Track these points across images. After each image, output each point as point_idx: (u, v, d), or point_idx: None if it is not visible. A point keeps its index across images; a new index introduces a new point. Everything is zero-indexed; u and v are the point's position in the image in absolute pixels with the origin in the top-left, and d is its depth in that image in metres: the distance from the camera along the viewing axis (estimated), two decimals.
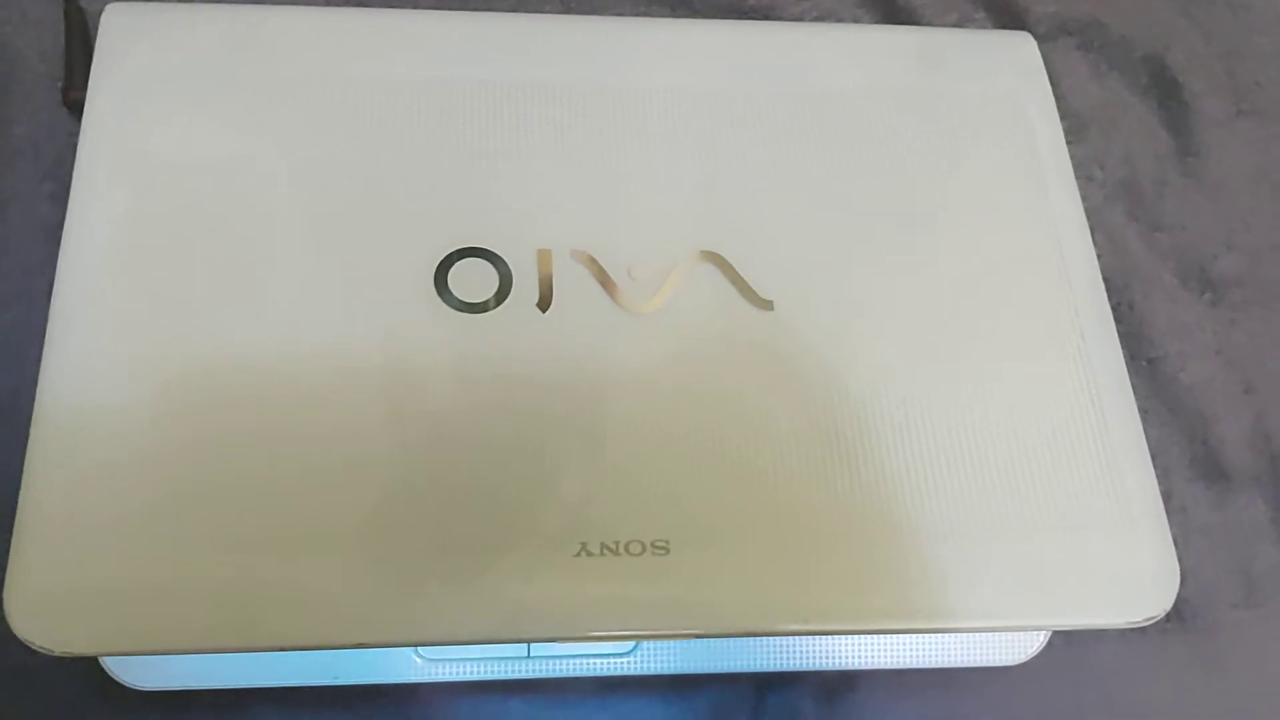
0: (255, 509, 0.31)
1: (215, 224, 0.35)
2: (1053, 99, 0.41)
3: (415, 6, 0.47)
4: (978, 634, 0.40)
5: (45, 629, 0.29)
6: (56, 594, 0.30)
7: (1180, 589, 0.43)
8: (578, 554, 0.32)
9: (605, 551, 0.32)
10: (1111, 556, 0.34)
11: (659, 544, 0.32)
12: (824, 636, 0.40)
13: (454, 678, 0.39)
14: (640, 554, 0.32)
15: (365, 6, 0.47)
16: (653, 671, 0.40)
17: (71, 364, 0.32)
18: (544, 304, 0.35)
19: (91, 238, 0.34)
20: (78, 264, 0.34)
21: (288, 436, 0.32)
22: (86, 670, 0.37)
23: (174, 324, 0.33)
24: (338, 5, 0.47)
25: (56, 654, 0.29)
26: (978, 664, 0.40)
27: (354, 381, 0.33)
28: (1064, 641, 0.42)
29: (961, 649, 0.40)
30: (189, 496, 0.31)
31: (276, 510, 0.31)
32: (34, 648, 0.29)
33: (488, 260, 0.35)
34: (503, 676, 0.39)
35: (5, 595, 0.30)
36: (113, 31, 0.38)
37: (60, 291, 0.33)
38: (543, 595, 0.31)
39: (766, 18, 0.49)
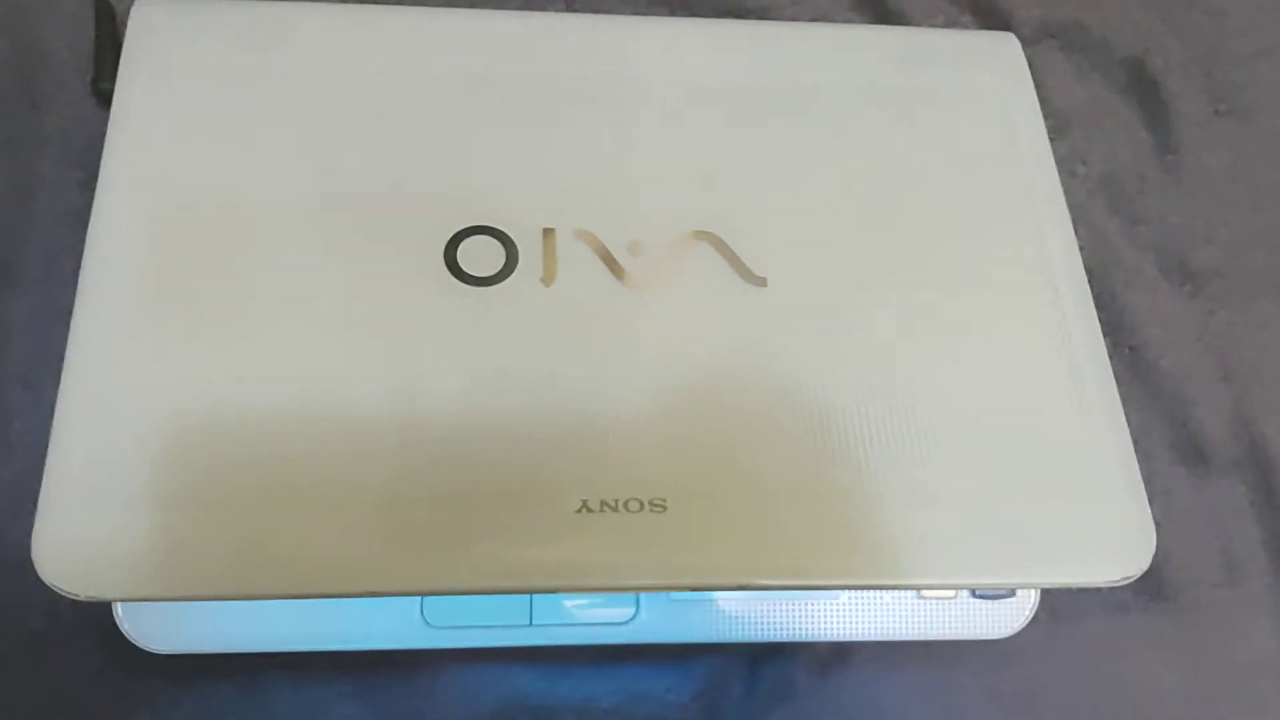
0: (271, 464, 0.33)
1: (236, 208, 0.36)
2: (1035, 96, 0.43)
3: (429, 5, 0.49)
4: (966, 608, 0.42)
5: (71, 574, 0.31)
6: (82, 541, 0.31)
7: (1163, 568, 0.45)
8: (579, 510, 0.33)
9: (605, 508, 0.33)
10: (1088, 517, 0.35)
11: (656, 502, 0.33)
12: (814, 602, 0.41)
13: (459, 644, 0.40)
14: (639, 511, 0.33)
15: (382, 4, 0.48)
16: (650, 640, 0.41)
17: (97, 334, 0.34)
18: (548, 278, 0.37)
19: (117, 226, 0.36)
20: (104, 250, 0.35)
21: (303, 398, 0.34)
22: (103, 635, 0.39)
23: (195, 299, 0.35)
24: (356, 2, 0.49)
25: (81, 599, 0.30)
26: (966, 637, 0.42)
27: (367, 347, 0.35)
28: (1050, 616, 0.43)
29: (950, 621, 0.42)
30: (207, 452, 0.33)
31: (291, 466, 0.33)
32: (61, 593, 0.30)
33: (495, 238, 0.37)
34: (506, 644, 0.41)
35: (34, 541, 0.31)
36: (142, 25, 0.40)
37: (87, 273, 0.35)
38: (545, 547, 0.33)
39: (762, 18, 0.51)
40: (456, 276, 0.36)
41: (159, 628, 0.39)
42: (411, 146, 0.39)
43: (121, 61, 0.39)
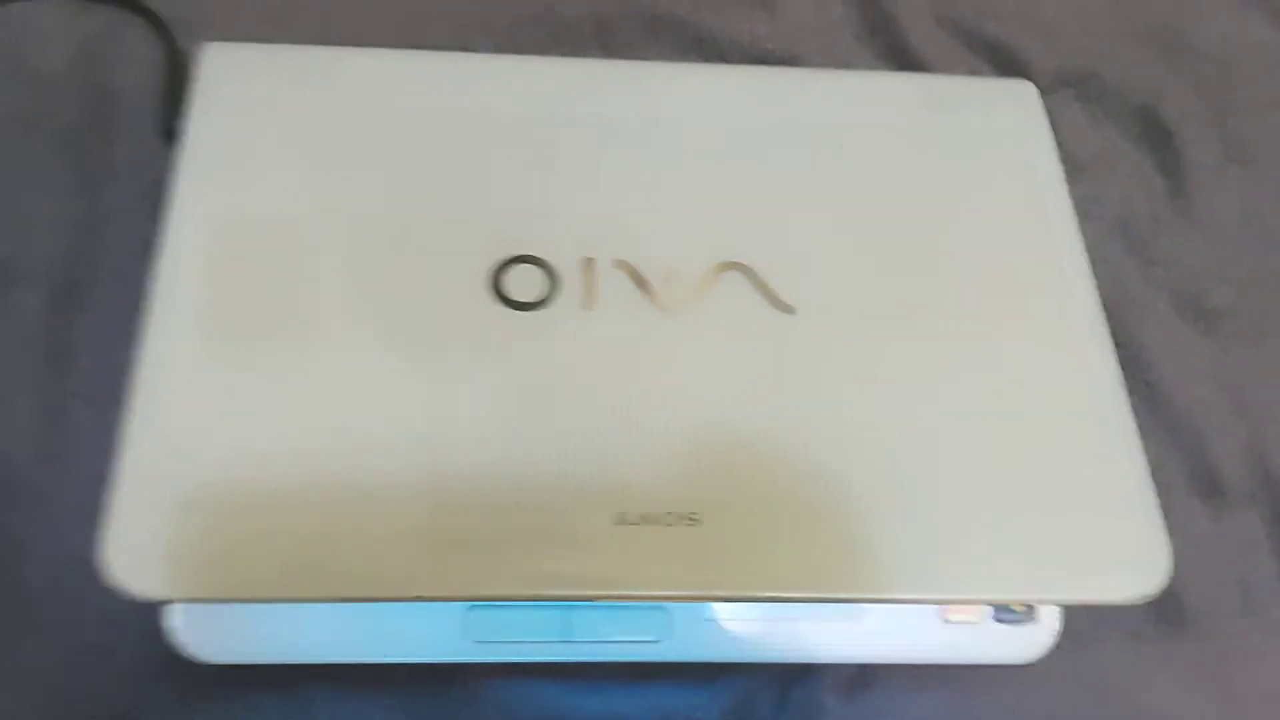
0: (325, 474, 0.34)
1: (294, 238, 0.38)
2: (1053, 140, 0.44)
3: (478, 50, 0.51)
4: (989, 632, 0.42)
5: (136, 578, 0.32)
6: (147, 544, 0.33)
7: (1182, 597, 0.45)
8: (617, 522, 0.34)
9: (642, 521, 0.34)
10: (1105, 536, 0.36)
11: (691, 515, 0.35)
12: (840, 624, 0.42)
13: (498, 659, 0.42)
14: (674, 524, 0.35)
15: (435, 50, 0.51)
16: (680, 659, 0.42)
17: (165, 357, 0.36)
18: (588, 304, 0.38)
19: (183, 252, 0.38)
20: (170, 275, 0.37)
21: (356, 412, 0.35)
22: (152, 646, 0.40)
23: (256, 327, 0.37)
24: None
25: (143, 598, 0.32)
26: (989, 661, 0.42)
27: (418, 367, 0.36)
28: (1072, 643, 0.44)
29: (974, 646, 0.42)
30: (265, 463, 0.34)
31: (344, 476, 0.34)
32: (126, 594, 0.32)
33: (538, 266, 0.39)
34: (543, 659, 0.42)
35: (102, 549, 0.32)
36: (210, 69, 0.42)
37: (153, 298, 0.37)
38: (585, 556, 0.34)
39: (789, 65, 0.54)
40: (503, 303, 0.38)
41: (208, 638, 0.40)
42: (461, 182, 0.41)
43: (192, 100, 0.41)
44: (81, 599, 0.41)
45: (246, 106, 0.41)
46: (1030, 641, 0.43)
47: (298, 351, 0.36)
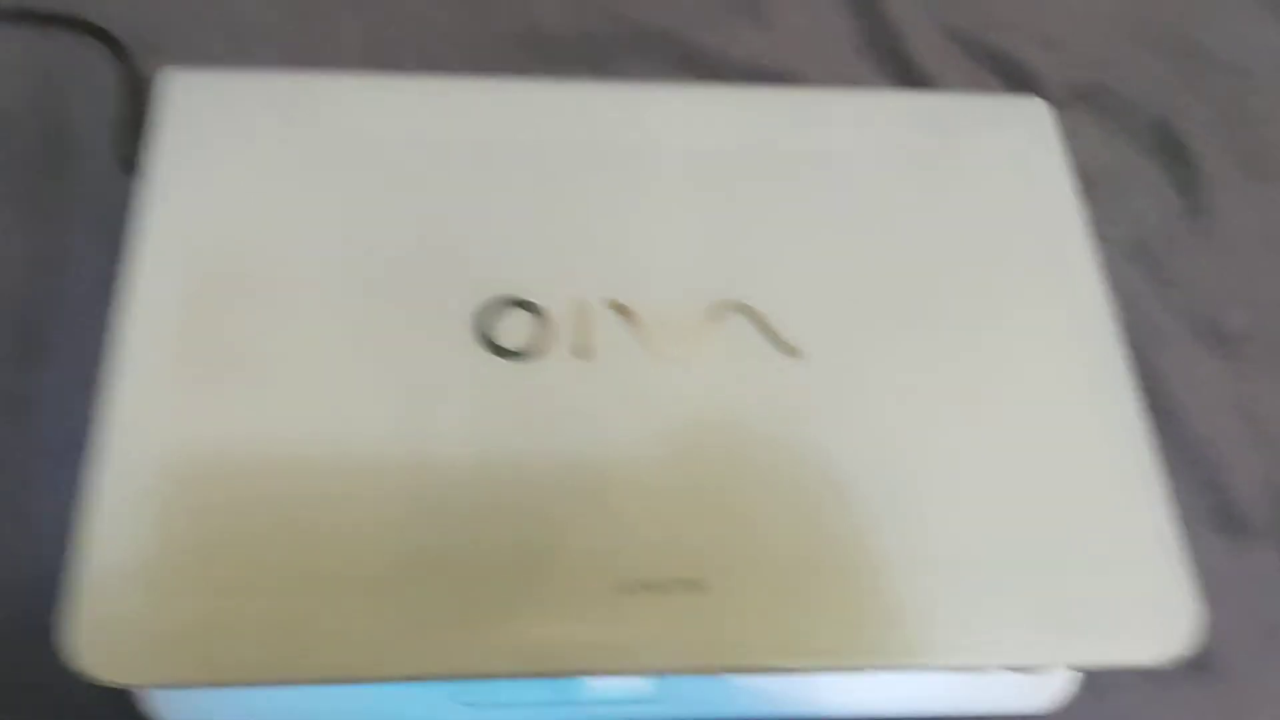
0: (301, 546, 0.32)
1: (265, 280, 0.36)
2: (1066, 160, 0.43)
3: (455, 72, 0.49)
4: (1005, 682, 0.41)
5: (102, 662, 0.30)
6: (110, 627, 0.31)
7: (1204, 639, 0.44)
8: (616, 591, 0.32)
9: (642, 589, 0.33)
10: (1129, 594, 0.35)
11: (695, 581, 0.33)
12: (854, 677, 0.40)
13: None
14: (677, 590, 0.33)
15: (407, 72, 0.49)
16: (679, 715, 0.40)
17: (127, 416, 0.34)
18: (581, 350, 0.36)
19: (148, 296, 0.36)
20: (134, 321, 0.35)
21: (331, 478, 0.33)
22: (122, 714, 0.38)
23: (226, 378, 0.35)
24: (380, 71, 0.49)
25: (111, 684, 0.30)
26: (1007, 711, 0.41)
27: (398, 425, 0.34)
28: (1091, 689, 0.42)
29: (989, 696, 0.41)
30: (235, 538, 0.32)
31: (321, 548, 0.32)
32: (89, 679, 0.30)
33: (526, 309, 0.37)
34: None
35: (65, 629, 0.30)
36: (169, 96, 0.40)
37: (117, 345, 0.35)
38: (583, 629, 0.32)
39: (788, 83, 0.51)
40: (488, 350, 0.36)
41: (183, 714, 0.38)
42: (440, 216, 0.38)
43: (149, 131, 0.39)
44: (44, 671, 0.39)
45: (210, 136, 0.39)
46: (1048, 691, 0.41)
47: (270, 405, 0.34)
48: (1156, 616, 0.35)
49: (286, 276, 0.37)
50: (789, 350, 0.37)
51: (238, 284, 0.36)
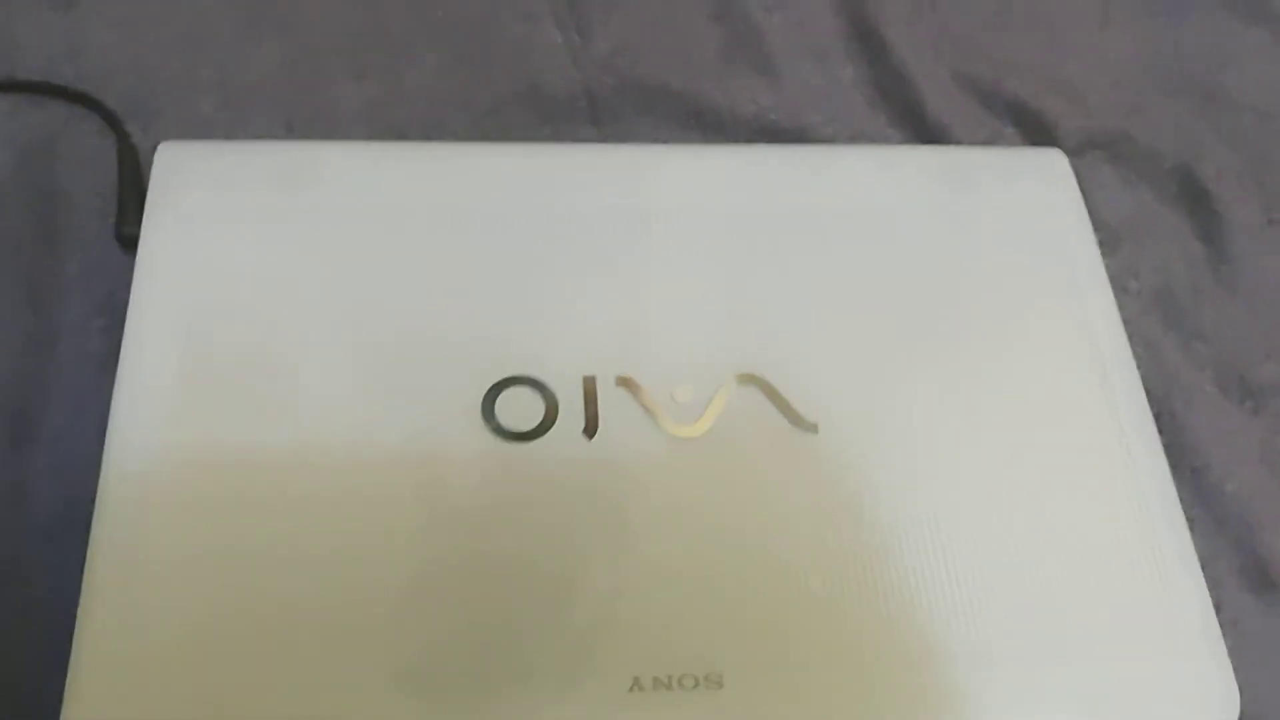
0: (304, 646, 0.32)
1: (267, 355, 0.36)
2: (1086, 212, 0.42)
3: (455, 139, 0.48)
4: None
5: None
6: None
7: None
8: (631, 688, 0.32)
9: (658, 686, 0.32)
10: (1165, 677, 0.34)
11: (713, 677, 0.32)
12: None
13: None
14: (694, 687, 0.32)
15: (405, 140, 0.48)
16: None
17: (125, 500, 0.33)
18: (590, 430, 0.35)
19: (146, 371, 0.35)
20: (132, 398, 0.35)
21: (336, 571, 0.33)
22: None
23: (226, 458, 0.34)
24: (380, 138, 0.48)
25: None
26: None
27: (404, 516, 0.34)
28: None
29: None
30: (237, 635, 0.32)
31: (324, 647, 0.32)
32: None
33: (533, 388, 0.36)
34: None
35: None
36: (166, 168, 0.39)
37: (115, 424, 0.34)
38: None
39: (799, 139, 0.50)
40: (495, 433, 0.35)
41: None
42: (443, 290, 0.38)
43: (147, 205, 0.39)
44: None
45: (207, 210, 0.39)
46: None
47: (269, 488, 0.34)
48: (1195, 700, 0.34)
49: (286, 353, 0.36)
50: (806, 425, 0.36)
51: (235, 361, 0.36)
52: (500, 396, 0.36)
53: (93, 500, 0.33)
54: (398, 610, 0.32)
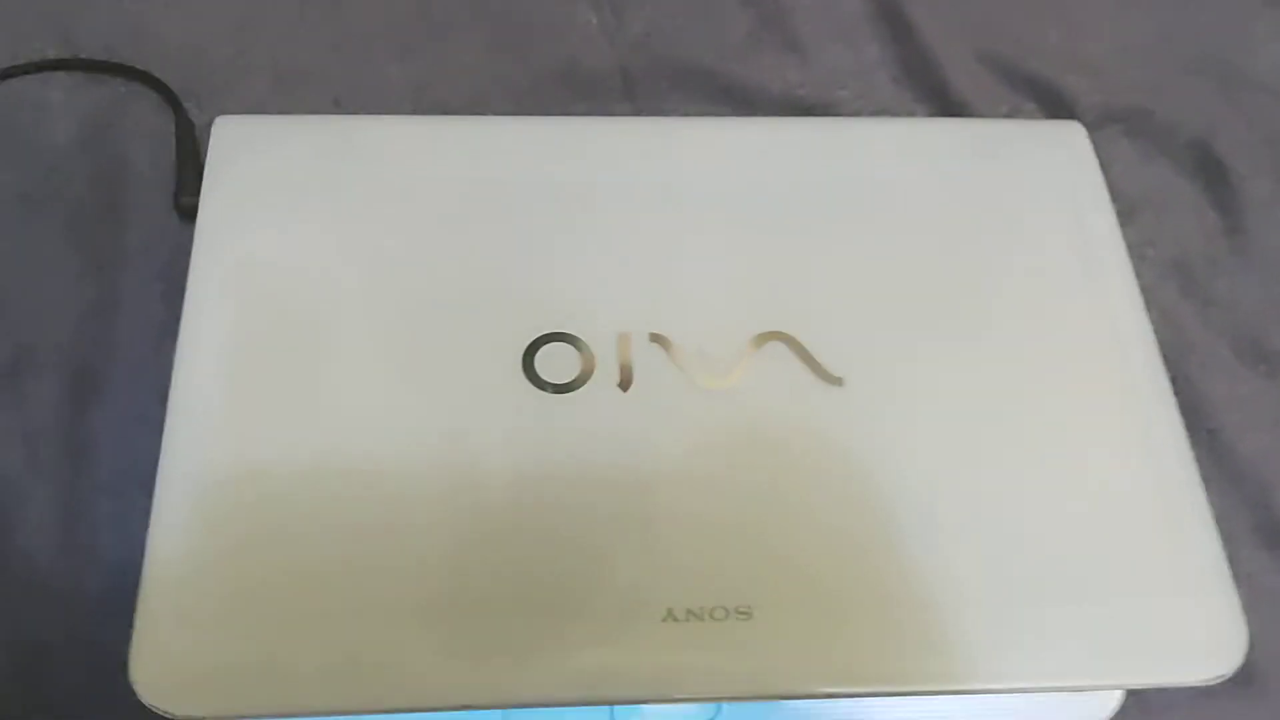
0: (360, 580, 0.33)
1: (320, 318, 0.38)
2: (1104, 183, 0.43)
3: (497, 113, 0.50)
4: (1051, 700, 0.41)
5: (168, 695, 0.31)
6: (178, 661, 0.32)
7: (1250, 653, 0.43)
8: (664, 619, 0.33)
9: (690, 617, 0.33)
10: (1177, 614, 0.35)
11: (742, 609, 0.33)
12: (900, 702, 0.41)
13: None
14: (724, 619, 0.33)
15: (450, 114, 0.50)
16: None
17: (188, 454, 0.35)
18: (625, 384, 0.37)
19: (206, 332, 0.37)
20: (194, 357, 0.36)
21: (381, 513, 0.34)
22: None
23: (282, 414, 0.36)
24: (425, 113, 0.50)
25: (180, 717, 0.31)
26: None
27: (449, 461, 0.35)
28: (1138, 704, 0.42)
29: (1037, 712, 0.41)
30: (296, 573, 0.33)
31: (380, 581, 0.33)
32: (158, 713, 0.31)
33: (571, 344, 0.38)
34: None
35: (131, 663, 0.32)
36: (223, 142, 0.41)
37: (177, 383, 0.36)
38: (632, 658, 0.33)
39: (825, 113, 0.52)
40: (534, 384, 0.37)
41: None
42: (485, 254, 0.39)
43: (205, 175, 0.40)
44: (110, 697, 0.40)
45: (262, 181, 0.40)
46: (1095, 707, 0.41)
47: (324, 444, 0.35)
48: (1205, 637, 0.35)
49: (338, 315, 0.38)
50: (831, 379, 0.38)
51: (291, 322, 0.37)
52: (539, 352, 0.37)
53: (154, 456, 0.35)
54: (441, 550, 0.34)
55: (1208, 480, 0.37)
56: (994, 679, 0.34)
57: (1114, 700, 0.41)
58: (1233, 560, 0.36)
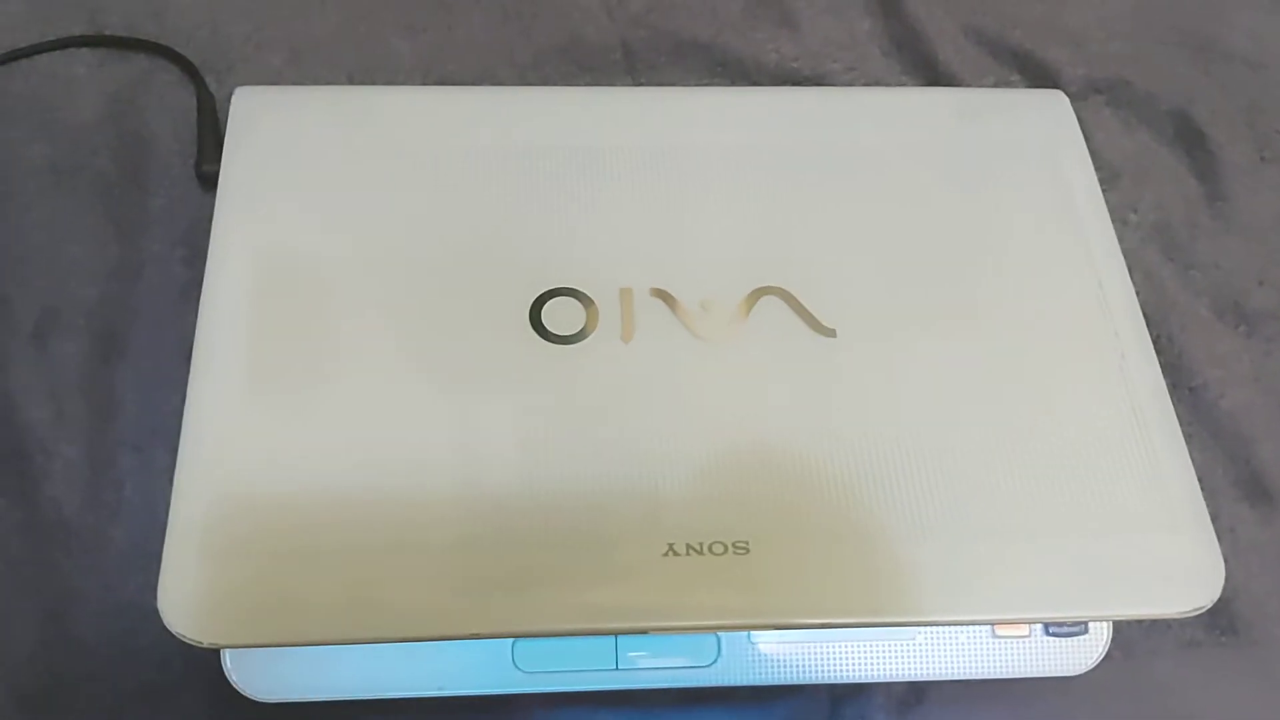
0: (376, 517, 0.35)
1: (335, 277, 0.39)
2: (1086, 149, 0.44)
3: (503, 83, 0.52)
4: (1040, 646, 0.42)
5: (194, 624, 0.33)
6: (203, 593, 0.33)
7: (1232, 603, 0.45)
8: (666, 553, 0.34)
9: (691, 551, 0.35)
10: (1157, 549, 0.36)
11: (739, 544, 0.35)
12: (891, 643, 0.42)
13: (548, 689, 0.42)
14: (723, 553, 0.35)
15: (460, 85, 0.52)
16: (731, 683, 0.42)
17: (211, 401, 0.36)
18: (627, 335, 0.38)
19: (227, 294, 0.38)
20: (216, 317, 0.38)
21: (402, 453, 0.36)
22: (211, 685, 0.40)
23: (299, 367, 0.37)
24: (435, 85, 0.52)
25: (205, 645, 0.33)
26: (1040, 675, 0.42)
27: (462, 404, 0.37)
28: (1123, 653, 0.44)
29: (1024, 660, 0.42)
30: (315, 508, 0.35)
31: (394, 517, 0.35)
32: (185, 641, 0.33)
33: (576, 298, 0.39)
34: (592, 688, 0.42)
35: (160, 594, 0.33)
36: (242, 112, 0.43)
37: (200, 341, 0.37)
38: (638, 589, 0.34)
39: (818, 85, 0.54)
40: (541, 336, 0.38)
41: (265, 678, 0.41)
42: (496, 217, 0.41)
43: (225, 144, 0.42)
44: (137, 642, 0.41)
45: (281, 149, 0.42)
46: (1081, 653, 0.43)
47: (341, 393, 0.37)
48: (1182, 570, 0.36)
49: (353, 274, 0.39)
50: (824, 330, 0.39)
51: (308, 287, 0.39)
52: (546, 305, 0.39)
53: (177, 411, 0.36)
54: (451, 491, 0.35)
55: (1190, 436, 0.38)
56: (981, 610, 0.35)
57: (1099, 648, 0.43)
58: (1215, 513, 0.37)
